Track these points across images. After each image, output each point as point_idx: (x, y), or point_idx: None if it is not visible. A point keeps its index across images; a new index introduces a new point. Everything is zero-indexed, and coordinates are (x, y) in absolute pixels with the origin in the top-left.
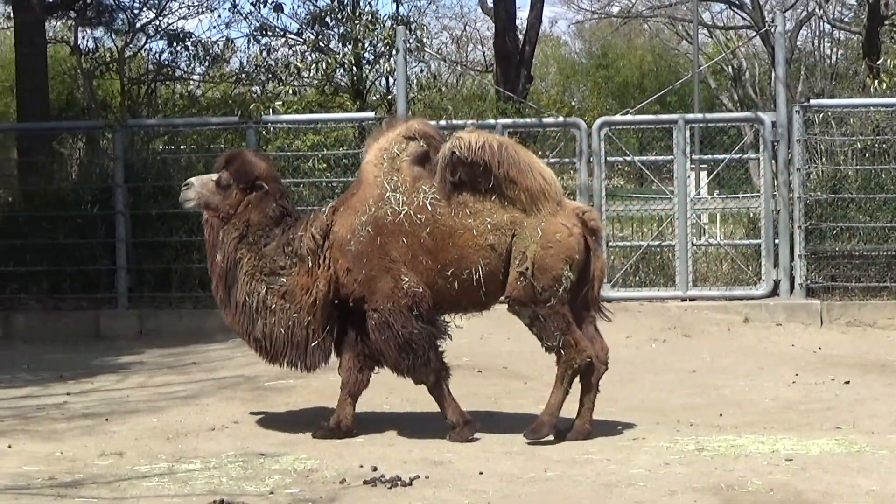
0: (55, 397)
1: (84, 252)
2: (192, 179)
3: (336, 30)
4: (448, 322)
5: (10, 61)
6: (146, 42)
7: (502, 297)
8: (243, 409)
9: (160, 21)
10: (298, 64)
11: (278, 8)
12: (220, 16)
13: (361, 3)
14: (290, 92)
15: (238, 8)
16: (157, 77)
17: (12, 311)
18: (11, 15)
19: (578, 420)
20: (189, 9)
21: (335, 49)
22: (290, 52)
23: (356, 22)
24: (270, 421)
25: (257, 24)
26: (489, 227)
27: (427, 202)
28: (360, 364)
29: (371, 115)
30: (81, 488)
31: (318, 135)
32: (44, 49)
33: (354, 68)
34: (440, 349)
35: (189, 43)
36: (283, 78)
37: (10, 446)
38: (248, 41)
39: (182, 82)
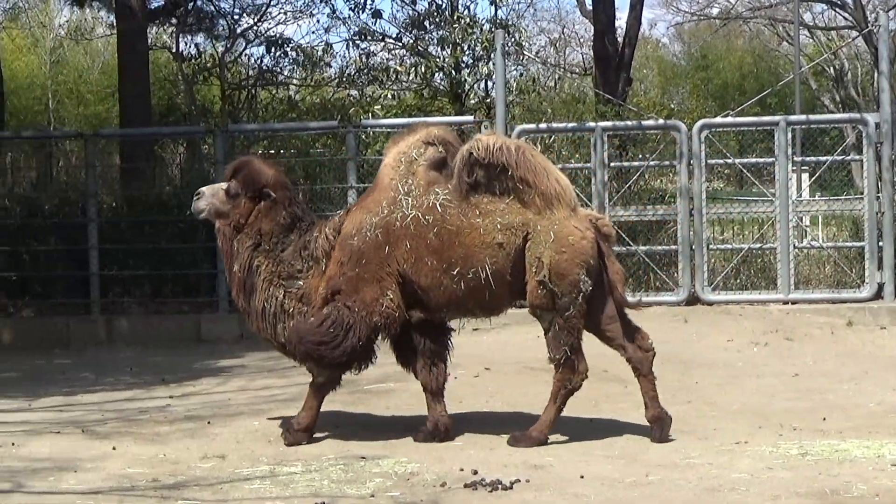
0: (158, 400)
1: (185, 256)
2: (203, 189)
3: (435, 34)
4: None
5: (112, 68)
6: (246, 47)
7: (522, 303)
8: (344, 411)
9: (260, 26)
10: (397, 68)
11: (377, 13)
12: (319, 21)
13: (460, 7)
14: (390, 96)
15: (337, 13)
16: (258, 82)
17: (115, 315)
18: (115, 22)
19: (648, 412)
20: (288, 14)
21: (434, 53)
22: (390, 56)
23: (455, 25)
24: (370, 424)
25: (356, 29)
26: (499, 226)
27: (437, 203)
28: (430, 361)
29: (470, 118)
30: (184, 490)
31: None
32: (146, 56)
33: (453, 72)
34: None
35: (288, 48)
36: (383, 82)
37: (114, 448)
38: (348, 46)
39: (282, 87)
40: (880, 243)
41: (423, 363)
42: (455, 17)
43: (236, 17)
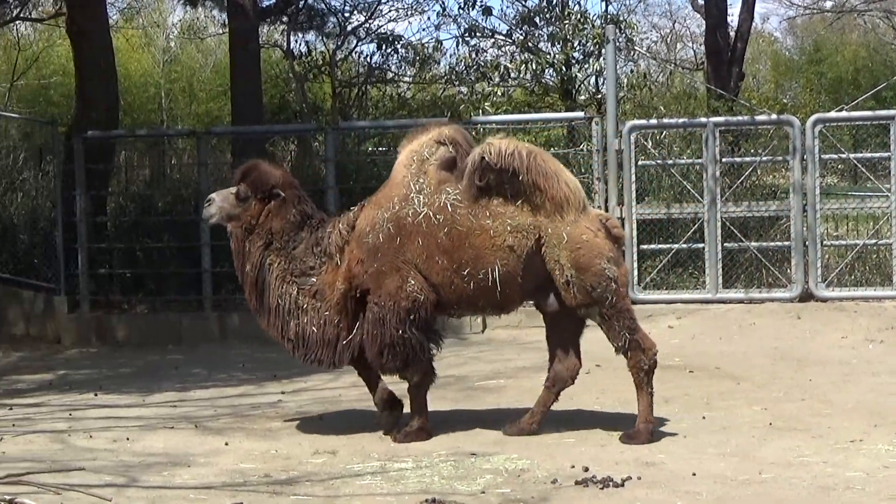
0: (270, 396)
1: None
2: (213, 195)
3: (545, 30)
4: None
5: (224, 66)
6: (357, 45)
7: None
8: (454, 408)
9: (370, 24)
10: (507, 64)
11: (487, 10)
12: (429, 18)
13: (570, 3)
14: (499, 93)
15: (447, 10)
16: (368, 79)
17: (228, 312)
18: (227, 21)
19: (528, 416)
20: (398, 11)
21: (544, 49)
22: (500, 52)
23: (565, 22)
24: (481, 420)
25: (466, 26)
26: (509, 228)
27: (448, 203)
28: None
29: (580, 114)
30: (296, 486)
31: (528, 135)
32: (257, 54)
33: (564, 68)
34: (430, 354)
35: (399, 45)
36: (492, 78)
37: (226, 444)
38: (458, 43)
39: (392, 84)
40: None
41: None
42: (566, 13)
43: (347, 14)
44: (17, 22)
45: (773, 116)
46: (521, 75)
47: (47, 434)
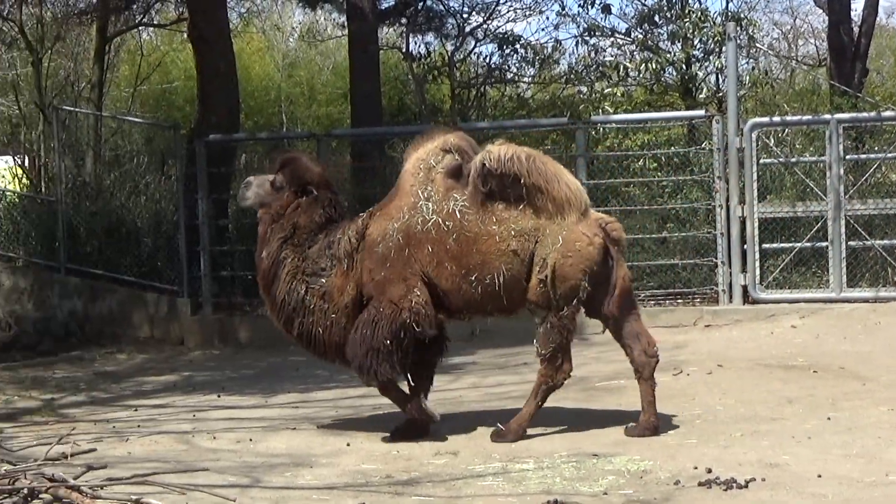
0: None
1: None
2: (251, 179)
3: (665, 28)
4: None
5: (343, 69)
6: (475, 46)
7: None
8: (575, 409)
9: (489, 25)
10: (627, 64)
11: (606, 9)
12: (548, 18)
13: (691, 1)
14: (619, 92)
15: (566, 10)
16: (487, 80)
17: None
18: (346, 24)
19: (643, 415)
20: (517, 12)
21: (664, 48)
22: (619, 52)
23: (686, 20)
24: (602, 421)
25: (585, 26)
26: (513, 233)
27: (456, 210)
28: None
29: (701, 112)
30: (418, 486)
31: (648, 134)
32: (376, 56)
33: (684, 66)
34: (399, 371)
35: (518, 46)
36: (612, 78)
37: (348, 444)
38: (577, 42)
39: (511, 85)
40: None
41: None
42: (686, 11)
43: (465, 15)
44: (140, 28)
45: None
46: (641, 74)
47: (172, 435)
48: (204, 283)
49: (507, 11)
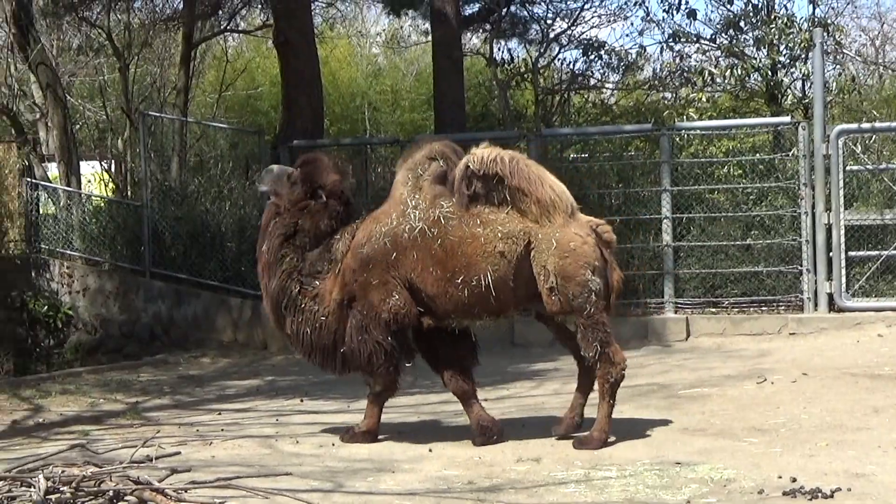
0: None
1: None
2: (274, 167)
3: (751, 34)
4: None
5: (427, 74)
6: (559, 52)
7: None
8: (658, 416)
9: (573, 30)
10: (712, 70)
11: (691, 14)
12: (632, 24)
13: (777, 6)
14: (704, 98)
15: (651, 15)
16: (571, 86)
17: None
18: (430, 30)
19: (568, 412)
20: (602, 18)
21: (749, 53)
22: (704, 57)
23: (771, 26)
24: (685, 429)
25: (670, 31)
26: (500, 234)
27: (441, 216)
28: (458, 370)
29: (787, 119)
30: (500, 493)
31: (733, 140)
32: (460, 62)
33: (770, 72)
34: (399, 368)
35: (602, 51)
36: (697, 84)
37: (430, 450)
38: (661, 48)
39: (595, 91)
40: None
41: (452, 373)
42: (772, 17)
43: (550, 21)
44: (226, 33)
45: None
46: (726, 80)
47: (255, 439)
48: None
49: (592, 17)
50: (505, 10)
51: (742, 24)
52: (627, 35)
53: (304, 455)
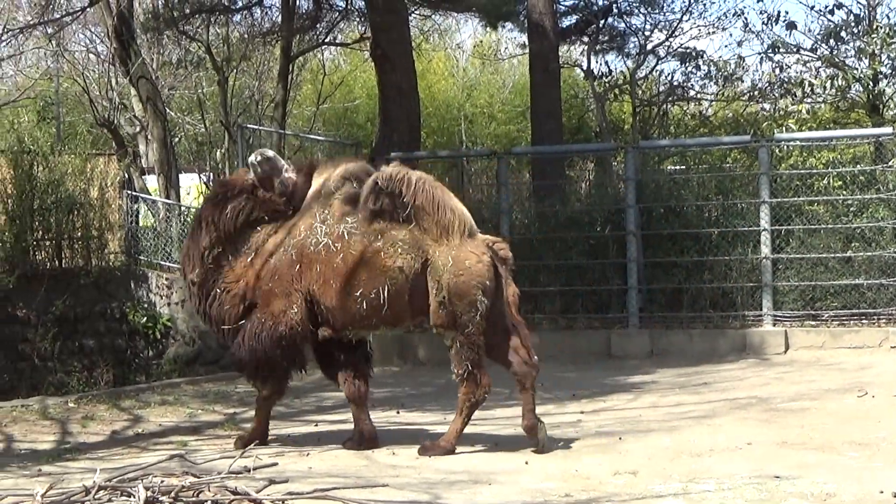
0: (569, 415)
1: (596, 272)
2: (284, 165)
3: (851, 44)
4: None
5: (522, 87)
6: (657, 63)
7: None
8: (757, 430)
9: (671, 42)
10: (812, 80)
11: (791, 25)
12: (731, 35)
13: (879, 17)
14: (804, 109)
15: (750, 26)
16: (669, 98)
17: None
18: (526, 42)
19: (523, 420)
20: (700, 29)
21: (850, 64)
22: (804, 68)
23: (873, 35)
24: (784, 443)
25: (769, 42)
26: (399, 250)
27: (345, 232)
28: (351, 375)
29: (888, 130)
30: None
31: (833, 151)
32: (557, 75)
33: (871, 83)
34: (287, 375)
35: (700, 63)
36: (797, 95)
37: (527, 463)
38: (761, 59)
39: (693, 102)
40: None
41: (346, 377)
42: (874, 27)
43: (648, 33)
44: (323, 47)
45: None
46: (826, 91)
47: (352, 450)
48: None
49: (690, 28)
50: (603, 22)
51: (843, 34)
52: (726, 46)
53: (401, 466)
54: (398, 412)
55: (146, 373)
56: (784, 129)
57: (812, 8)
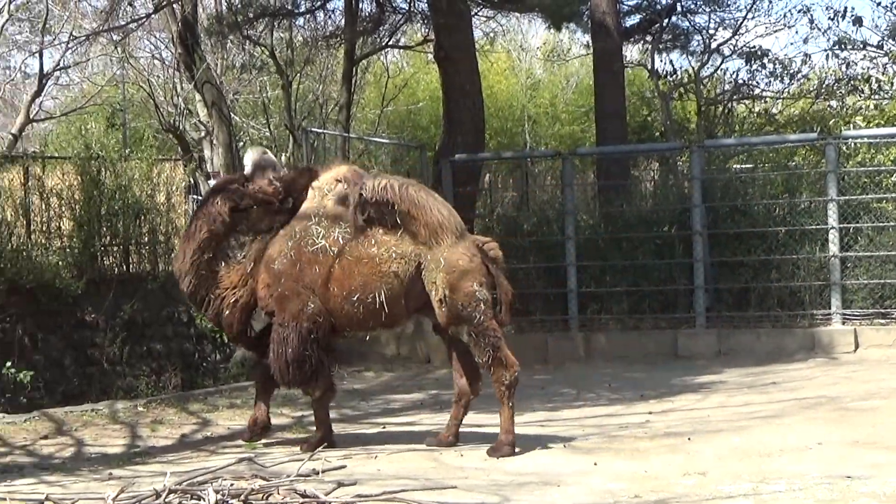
0: (638, 416)
1: (662, 272)
2: (266, 155)
3: None
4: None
5: (586, 87)
6: (722, 62)
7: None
8: (827, 429)
9: (736, 40)
10: (879, 77)
11: (858, 21)
12: (797, 32)
13: None
14: (872, 106)
15: (815, 23)
16: (734, 96)
17: (593, 331)
18: (590, 43)
19: (444, 430)
20: (766, 27)
21: None
22: (871, 64)
23: None
24: (855, 442)
25: (835, 39)
26: (393, 255)
27: (340, 236)
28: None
29: None
30: None
31: None
32: (621, 74)
33: None
34: (330, 371)
35: (766, 60)
36: (864, 91)
37: (595, 464)
38: (827, 56)
39: (758, 100)
40: None
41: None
42: None
43: (712, 31)
44: (386, 49)
45: None
46: (894, 87)
47: (420, 452)
48: None
49: (756, 27)
50: (666, 21)
51: None
52: (792, 43)
53: (469, 468)
54: None
55: (214, 376)
56: (851, 126)
57: (879, 4)
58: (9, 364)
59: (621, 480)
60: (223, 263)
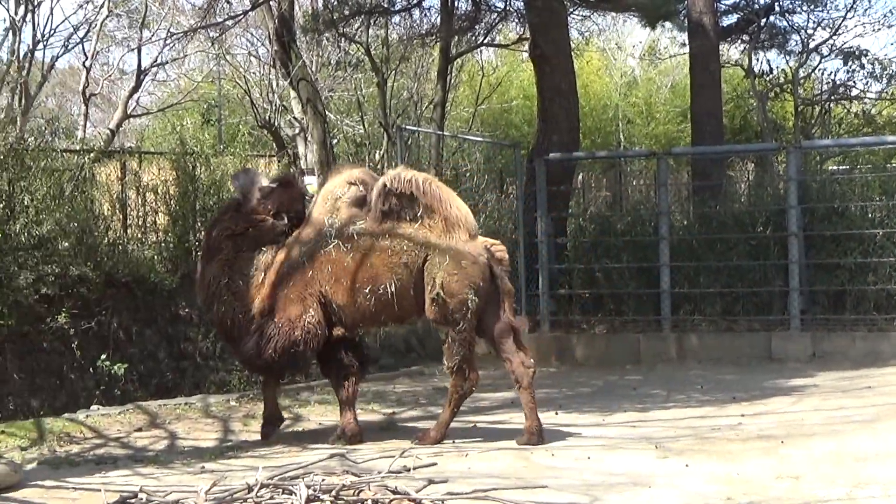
0: (730, 418)
1: (757, 273)
2: (251, 169)
3: None
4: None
5: (682, 87)
6: (820, 62)
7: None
8: None
9: (834, 40)
10: None
11: None
12: None
13: None
14: None
15: None
16: (832, 97)
17: (685, 332)
18: (686, 42)
19: (526, 421)
20: (865, 27)
21: None
22: None
23: None
24: None
25: None
26: (405, 247)
27: (354, 232)
28: (342, 375)
29: None
30: None
31: None
32: (718, 74)
33: None
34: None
35: (865, 61)
36: None
37: (687, 465)
38: None
39: (857, 101)
40: None
41: (335, 377)
42: None
43: (810, 31)
44: (482, 48)
45: None
46: None
47: (511, 451)
48: (542, 301)
49: (855, 26)
50: (764, 20)
51: None
52: (892, 44)
53: (560, 468)
54: (556, 413)
55: (305, 373)
56: None
57: None
58: (104, 357)
59: (713, 483)
60: (241, 282)
